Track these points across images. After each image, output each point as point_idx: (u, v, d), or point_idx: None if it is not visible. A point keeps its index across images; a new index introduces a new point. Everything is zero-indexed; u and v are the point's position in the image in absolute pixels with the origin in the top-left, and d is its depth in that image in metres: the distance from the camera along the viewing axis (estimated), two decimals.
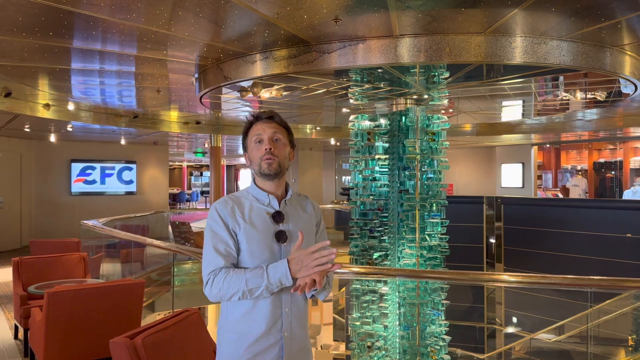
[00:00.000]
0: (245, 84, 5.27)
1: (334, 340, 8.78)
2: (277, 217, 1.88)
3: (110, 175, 13.98)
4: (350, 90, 5.88)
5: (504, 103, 7.90)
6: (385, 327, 5.23)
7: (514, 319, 8.03)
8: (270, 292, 1.75)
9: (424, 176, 5.35)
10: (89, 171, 13.64)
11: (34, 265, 5.59)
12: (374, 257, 5.41)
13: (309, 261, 1.69)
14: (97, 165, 13.76)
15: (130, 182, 14.26)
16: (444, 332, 5.14)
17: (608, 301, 5.55)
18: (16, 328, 5.45)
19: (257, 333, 1.79)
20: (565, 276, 3.29)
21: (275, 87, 5.68)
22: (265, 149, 1.86)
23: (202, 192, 27.36)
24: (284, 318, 1.83)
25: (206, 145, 13.99)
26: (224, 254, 1.79)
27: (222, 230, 1.82)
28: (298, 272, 1.71)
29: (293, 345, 1.84)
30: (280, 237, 1.85)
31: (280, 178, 1.91)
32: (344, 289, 7.47)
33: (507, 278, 4.38)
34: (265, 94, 5.80)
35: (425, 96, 5.54)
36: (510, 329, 7.91)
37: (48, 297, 3.87)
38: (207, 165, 27.32)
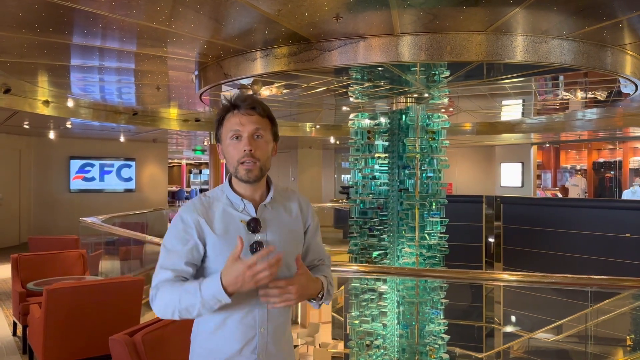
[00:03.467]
0: (246, 82, 5.26)
1: (333, 338, 8.77)
2: (254, 225, 1.58)
3: (109, 172, 13.96)
4: (350, 88, 5.88)
5: (504, 102, 7.90)
6: (384, 325, 5.23)
7: (513, 318, 8.04)
8: (210, 310, 1.49)
9: (424, 175, 5.35)
10: (88, 168, 13.61)
11: (32, 262, 5.57)
12: (373, 255, 5.41)
13: (248, 276, 1.41)
14: (96, 163, 13.73)
15: (129, 179, 14.24)
16: (442, 331, 5.14)
17: (606, 301, 5.55)
18: (15, 325, 5.44)
19: (227, 352, 1.58)
20: (566, 275, 3.29)
21: (276, 84, 5.67)
22: (245, 150, 1.55)
23: (201, 190, 27.36)
24: (258, 339, 1.59)
25: (205, 143, 13.97)
26: (172, 269, 1.54)
27: (180, 244, 1.55)
28: (238, 288, 1.44)
29: None
30: (257, 249, 1.56)
31: (260, 181, 1.63)
32: (342, 287, 7.47)
33: (507, 277, 4.39)
34: (265, 91, 5.79)
35: (426, 95, 5.53)
36: (509, 328, 7.92)
37: (47, 294, 3.85)
38: (207, 163, 27.29)
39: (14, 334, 5.41)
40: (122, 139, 13.21)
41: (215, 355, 1.59)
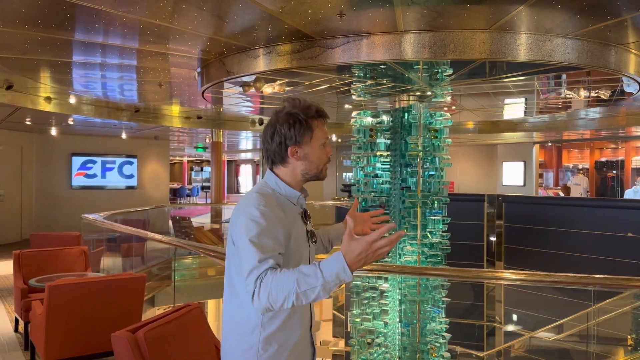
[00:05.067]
0: (248, 79, 5.25)
1: (334, 336, 8.78)
2: (305, 216, 1.77)
3: (111, 169, 13.96)
4: (353, 86, 5.86)
5: (507, 101, 7.88)
6: (386, 324, 5.22)
7: (514, 317, 8.03)
8: (328, 292, 1.45)
9: (426, 173, 5.34)
10: (89, 165, 13.62)
11: (34, 259, 5.57)
12: None
13: (371, 252, 1.41)
14: (98, 159, 13.73)
15: (130, 176, 14.24)
16: (444, 330, 5.14)
17: (608, 300, 5.54)
18: (16, 321, 5.44)
19: (295, 338, 1.72)
20: (569, 275, 3.28)
21: (278, 82, 5.66)
22: (329, 155, 1.76)
23: (203, 188, 27.38)
24: (313, 317, 1.81)
25: (207, 141, 13.97)
26: (272, 258, 1.52)
27: (271, 231, 1.56)
28: (361, 265, 1.44)
29: (316, 338, 1.86)
30: (312, 237, 1.77)
31: None
32: (343, 285, 7.45)
33: (510, 276, 4.37)
34: (267, 89, 5.78)
35: (429, 93, 5.52)
36: (510, 327, 7.91)
37: (49, 290, 3.85)
38: (208, 161, 27.30)
39: (16, 330, 5.41)
40: (123, 135, 13.21)
41: (286, 345, 1.69)
